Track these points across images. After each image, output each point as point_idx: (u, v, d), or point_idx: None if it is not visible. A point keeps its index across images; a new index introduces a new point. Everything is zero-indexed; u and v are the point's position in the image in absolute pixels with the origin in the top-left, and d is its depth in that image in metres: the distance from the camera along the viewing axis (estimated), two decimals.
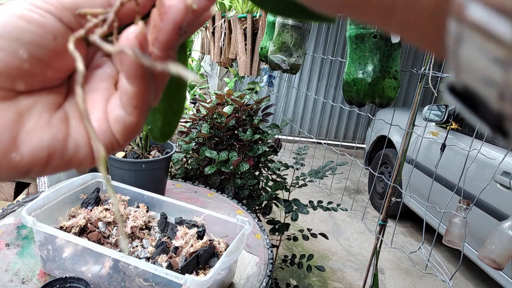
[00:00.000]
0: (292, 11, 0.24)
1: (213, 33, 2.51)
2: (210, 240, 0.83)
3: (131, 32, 0.19)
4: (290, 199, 1.63)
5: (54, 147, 0.21)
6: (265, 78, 2.19)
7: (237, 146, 1.51)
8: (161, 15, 0.19)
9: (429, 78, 1.15)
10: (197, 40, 4.45)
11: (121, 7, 0.20)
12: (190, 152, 1.50)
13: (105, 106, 0.22)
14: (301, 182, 1.69)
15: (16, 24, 0.19)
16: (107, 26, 0.20)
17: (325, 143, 2.27)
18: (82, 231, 0.82)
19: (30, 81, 0.20)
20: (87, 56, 0.23)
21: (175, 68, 0.18)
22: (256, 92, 2.19)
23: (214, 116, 1.49)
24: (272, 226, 1.63)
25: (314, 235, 1.69)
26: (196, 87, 3.33)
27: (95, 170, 1.15)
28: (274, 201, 1.64)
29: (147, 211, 0.94)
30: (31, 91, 0.21)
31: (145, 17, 0.21)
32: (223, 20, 2.31)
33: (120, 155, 1.17)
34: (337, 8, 0.17)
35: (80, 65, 0.19)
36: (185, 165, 1.56)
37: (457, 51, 0.12)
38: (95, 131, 0.20)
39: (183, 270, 0.73)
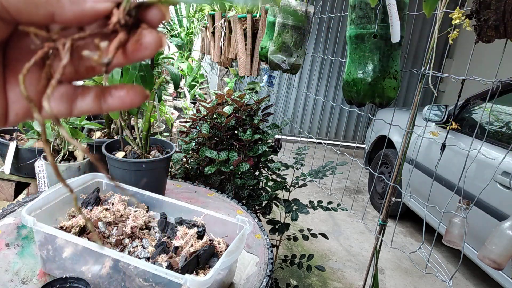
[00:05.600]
0: None
1: (213, 33, 2.51)
2: (210, 240, 0.83)
3: None
4: (290, 199, 1.63)
5: None
6: (265, 78, 2.19)
7: (237, 146, 1.51)
8: None
9: (429, 78, 1.15)
10: (197, 40, 4.45)
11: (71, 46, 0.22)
12: (190, 152, 1.50)
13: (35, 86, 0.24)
14: (301, 182, 1.69)
15: None
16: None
17: (325, 143, 2.27)
18: (82, 231, 0.82)
19: None
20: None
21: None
22: (256, 92, 2.19)
23: (214, 116, 1.48)
24: (272, 226, 1.63)
25: (314, 235, 1.69)
26: (196, 87, 3.33)
27: (96, 170, 1.15)
28: (274, 201, 1.63)
29: (147, 211, 0.94)
30: None
31: None
32: (223, 20, 2.31)
33: (120, 155, 1.17)
34: None
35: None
36: (185, 165, 1.56)
37: None
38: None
39: (183, 270, 0.73)
